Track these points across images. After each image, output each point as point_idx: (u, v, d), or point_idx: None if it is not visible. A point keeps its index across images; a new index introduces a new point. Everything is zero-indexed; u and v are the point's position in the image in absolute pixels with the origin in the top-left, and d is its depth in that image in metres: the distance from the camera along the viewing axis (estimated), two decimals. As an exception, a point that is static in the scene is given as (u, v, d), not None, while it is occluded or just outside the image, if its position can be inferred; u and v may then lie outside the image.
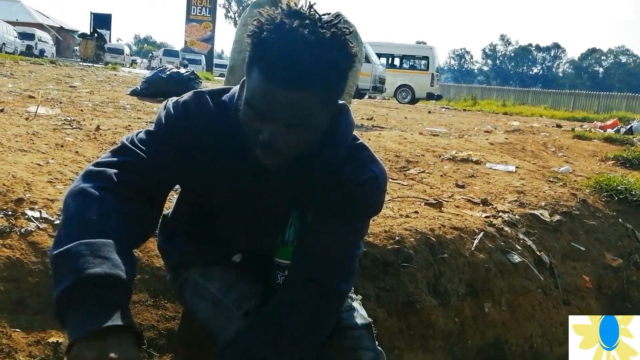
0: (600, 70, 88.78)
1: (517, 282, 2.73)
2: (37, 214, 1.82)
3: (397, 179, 3.51)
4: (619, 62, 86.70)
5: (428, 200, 3.03)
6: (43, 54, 26.17)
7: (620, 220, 3.77)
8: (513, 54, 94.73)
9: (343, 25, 1.09)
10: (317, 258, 1.25)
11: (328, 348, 1.27)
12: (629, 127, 8.76)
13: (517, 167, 4.39)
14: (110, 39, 32.77)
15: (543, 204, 3.42)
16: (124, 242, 1.06)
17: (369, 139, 4.51)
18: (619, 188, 4.01)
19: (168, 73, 6.90)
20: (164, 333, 1.72)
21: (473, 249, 2.63)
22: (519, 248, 2.87)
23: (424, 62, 20.90)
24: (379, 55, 18.89)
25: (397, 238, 2.40)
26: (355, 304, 1.42)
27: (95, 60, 23.77)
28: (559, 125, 9.75)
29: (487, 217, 2.99)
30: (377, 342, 1.36)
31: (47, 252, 1.04)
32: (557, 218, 3.32)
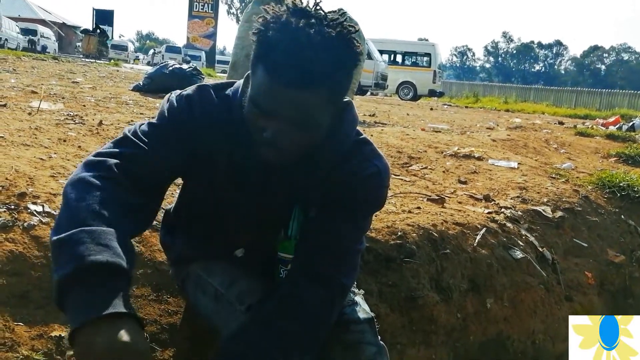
0: (603, 68, 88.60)
1: (519, 278, 2.73)
2: (39, 208, 1.82)
3: (399, 175, 3.51)
4: (621, 59, 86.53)
5: (430, 196, 3.03)
6: (45, 50, 26.18)
7: (623, 217, 3.76)
8: (515, 51, 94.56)
9: (349, 24, 1.09)
10: (319, 252, 1.25)
11: (331, 342, 1.27)
12: (631, 124, 8.75)
13: (519, 163, 4.38)
14: (113, 36, 32.82)
15: (545, 200, 3.41)
16: (124, 231, 1.05)
17: (372, 135, 4.50)
18: (622, 185, 4.00)
19: (170, 69, 6.88)
20: (167, 327, 1.72)
21: (475, 245, 2.63)
22: (521, 244, 2.86)
23: (426, 59, 20.86)
24: (381, 52, 18.83)
25: (399, 233, 2.40)
26: (358, 299, 1.42)
27: (98, 56, 23.73)
28: (561, 123, 9.74)
29: (489, 213, 2.99)
30: (379, 336, 1.36)
31: (49, 246, 1.04)
32: (559, 214, 3.32)
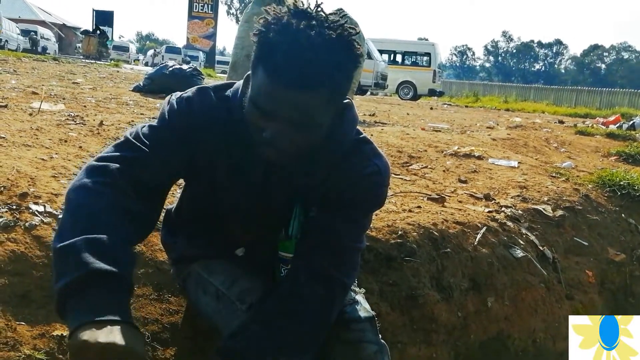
0: (603, 67, 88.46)
1: (520, 276, 2.73)
2: (41, 208, 1.83)
3: (399, 174, 3.51)
4: (621, 58, 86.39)
5: (431, 195, 3.03)
6: (45, 51, 26.17)
7: (623, 216, 3.77)
8: (515, 51, 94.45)
9: (349, 26, 1.09)
10: (320, 251, 1.25)
11: (331, 340, 1.28)
12: (632, 123, 8.75)
13: (519, 162, 4.38)
14: (113, 36, 32.83)
15: (546, 199, 3.41)
16: (125, 238, 1.07)
17: (372, 135, 4.50)
18: (622, 183, 4.01)
19: (170, 69, 6.88)
20: (168, 327, 1.72)
21: (476, 244, 2.63)
22: (522, 243, 2.87)
23: (426, 58, 20.86)
24: (381, 52, 18.82)
25: (400, 232, 2.40)
26: (359, 297, 1.43)
27: (98, 57, 23.71)
28: (561, 122, 9.74)
29: (489, 212, 2.99)
30: (380, 335, 1.37)
31: (51, 253, 1.05)
32: (559, 213, 3.32)
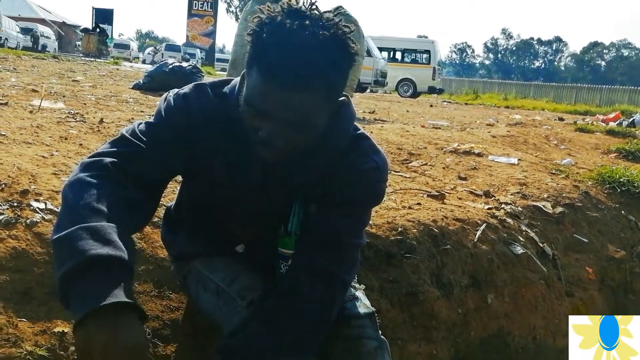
0: (602, 64, 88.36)
1: (519, 273, 2.73)
2: (42, 205, 1.83)
3: (399, 172, 3.51)
4: (621, 55, 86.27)
5: (430, 192, 3.03)
6: (45, 49, 26.16)
7: (623, 212, 3.77)
8: (515, 48, 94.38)
9: (344, 24, 1.09)
10: (319, 248, 1.25)
11: (331, 337, 1.28)
12: (631, 120, 8.73)
13: (519, 159, 4.38)
14: (113, 34, 32.83)
15: (545, 196, 3.42)
16: (123, 225, 1.07)
17: (371, 132, 4.50)
18: (622, 180, 4.01)
19: (170, 67, 6.88)
20: (169, 323, 1.73)
21: (476, 241, 2.64)
22: (522, 239, 2.87)
23: (426, 55, 20.86)
24: (381, 49, 18.81)
25: (399, 229, 2.40)
26: (359, 294, 1.43)
27: (97, 55, 23.70)
28: (561, 119, 9.73)
29: (489, 208, 2.99)
30: (380, 331, 1.37)
31: (50, 246, 1.05)
32: (559, 210, 3.32)
